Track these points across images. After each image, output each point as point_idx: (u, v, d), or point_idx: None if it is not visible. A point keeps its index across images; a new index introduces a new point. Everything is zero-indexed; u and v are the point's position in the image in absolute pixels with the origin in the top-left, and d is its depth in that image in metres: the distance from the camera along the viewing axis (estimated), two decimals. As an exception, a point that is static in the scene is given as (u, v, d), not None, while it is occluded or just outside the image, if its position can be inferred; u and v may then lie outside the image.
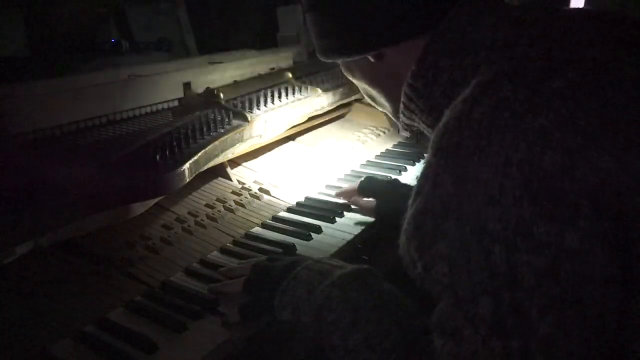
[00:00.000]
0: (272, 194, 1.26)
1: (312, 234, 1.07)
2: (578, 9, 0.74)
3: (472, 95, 0.58)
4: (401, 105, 0.76)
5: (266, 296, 0.78)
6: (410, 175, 1.42)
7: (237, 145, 1.20)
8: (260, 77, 1.46)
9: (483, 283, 0.53)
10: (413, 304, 0.70)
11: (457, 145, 0.56)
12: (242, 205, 1.19)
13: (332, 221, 1.14)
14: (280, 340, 0.86)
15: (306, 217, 1.16)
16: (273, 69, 1.58)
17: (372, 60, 0.74)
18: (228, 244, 1.04)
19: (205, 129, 1.13)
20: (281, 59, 1.64)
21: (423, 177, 0.60)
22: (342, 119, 1.82)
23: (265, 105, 1.33)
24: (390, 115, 0.83)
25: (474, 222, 0.54)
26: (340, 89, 1.58)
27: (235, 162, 1.35)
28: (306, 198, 1.27)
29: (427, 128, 0.76)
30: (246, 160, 1.40)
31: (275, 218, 1.16)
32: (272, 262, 0.84)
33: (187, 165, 0.98)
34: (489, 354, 0.52)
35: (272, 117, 1.30)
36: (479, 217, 0.53)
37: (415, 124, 0.78)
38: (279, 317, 0.77)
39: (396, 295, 0.72)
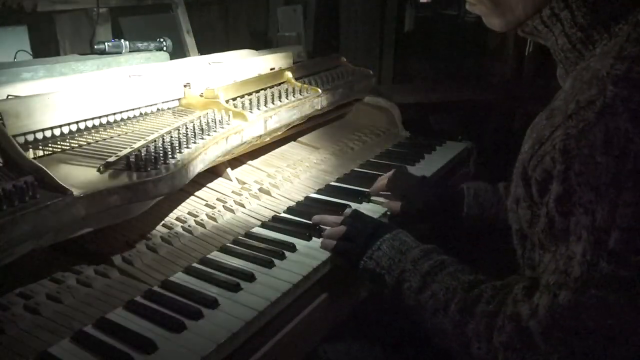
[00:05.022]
0: (272, 194, 1.26)
1: (311, 234, 1.07)
2: None
3: None
4: (547, 10, 0.73)
5: (355, 256, 0.95)
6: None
7: (237, 145, 1.20)
8: (260, 77, 1.46)
9: None
10: (469, 267, 0.85)
11: None
12: (242, 205, 1.19)
13: (332, 221, 1.14)
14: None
15: (306, 217, 1.16)
16: (273, 69, 1.58)
17: None
18: (228, 244, 1.04)
19: (205, 129, 1.13)
20: (281, 59, 1.64)
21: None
22: (342, 119, 1.82)
23: (265, 105, 1.33)
24: (488, 14, 0.79)
25: None
26: (340, 89, 1.58)
27: (235, 162, 1.35)
28: (306, 198, 1.27)
29: (566, 44, 0.73)
30: (246, 160, 1.40)
31: (275, 218, 1.16)
32: (360, 221, 1.03)
33: (187, 165, 0.98)
34: None
35: (272, 117, 1.30)
36: None
37: (540, 36, 0.76)
38: (360, 278, 0.96)
39: (455, 262, 0.87)
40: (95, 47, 1.59)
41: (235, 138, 1.18)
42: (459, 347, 0.78)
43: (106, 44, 1.59)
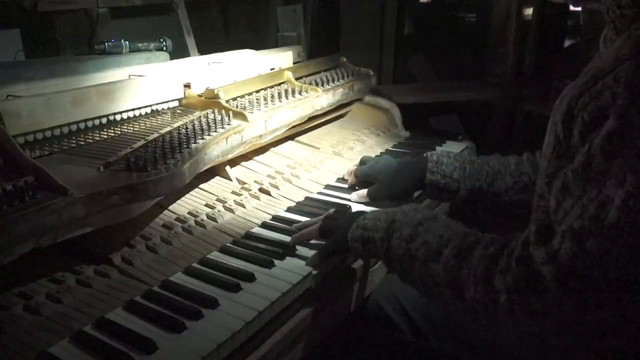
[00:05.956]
0: (272, 194, 1.26)
1: (312, 234, 1.07)
2: None
3: None
4: None
5: (340, 235, 0.95)
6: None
7: (237, 145, 1.20)
8: (260, 77, 1.46)
9: None
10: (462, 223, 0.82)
11: None
12: (242, 205, 1.19)
13: (332, 221, 1.13)
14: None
15: (306, 217, 1.15)
16: (273, 69, 1.58)
17: None
18: (228, 244, 1.04)
19: (205, 129, 1.13)
20: (281, 59, 1.64)
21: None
22: (342, 119, 1.82)
23: (265, 105, 1.33)
24: None
25: None
26: (340, 89, 1.58)
27: (235, 162, 1.35)
28: (306, 198, 1.27)
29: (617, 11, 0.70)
30: (246, 160, 1.40)
31: (275, 218, 1.16)
32: (339, 214, 1.04)
33: (187, 165, 0.98)
34: None
35: (272, 117, 1.30)
36: None
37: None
38: (352, 249, 0.94)
39: (446, 217, 0.85)
40: (95, 47, 1.60)
41: (235, 138, 1.18)
42: (452, 294, 0.73)
43: (106, 44, 1.59)
